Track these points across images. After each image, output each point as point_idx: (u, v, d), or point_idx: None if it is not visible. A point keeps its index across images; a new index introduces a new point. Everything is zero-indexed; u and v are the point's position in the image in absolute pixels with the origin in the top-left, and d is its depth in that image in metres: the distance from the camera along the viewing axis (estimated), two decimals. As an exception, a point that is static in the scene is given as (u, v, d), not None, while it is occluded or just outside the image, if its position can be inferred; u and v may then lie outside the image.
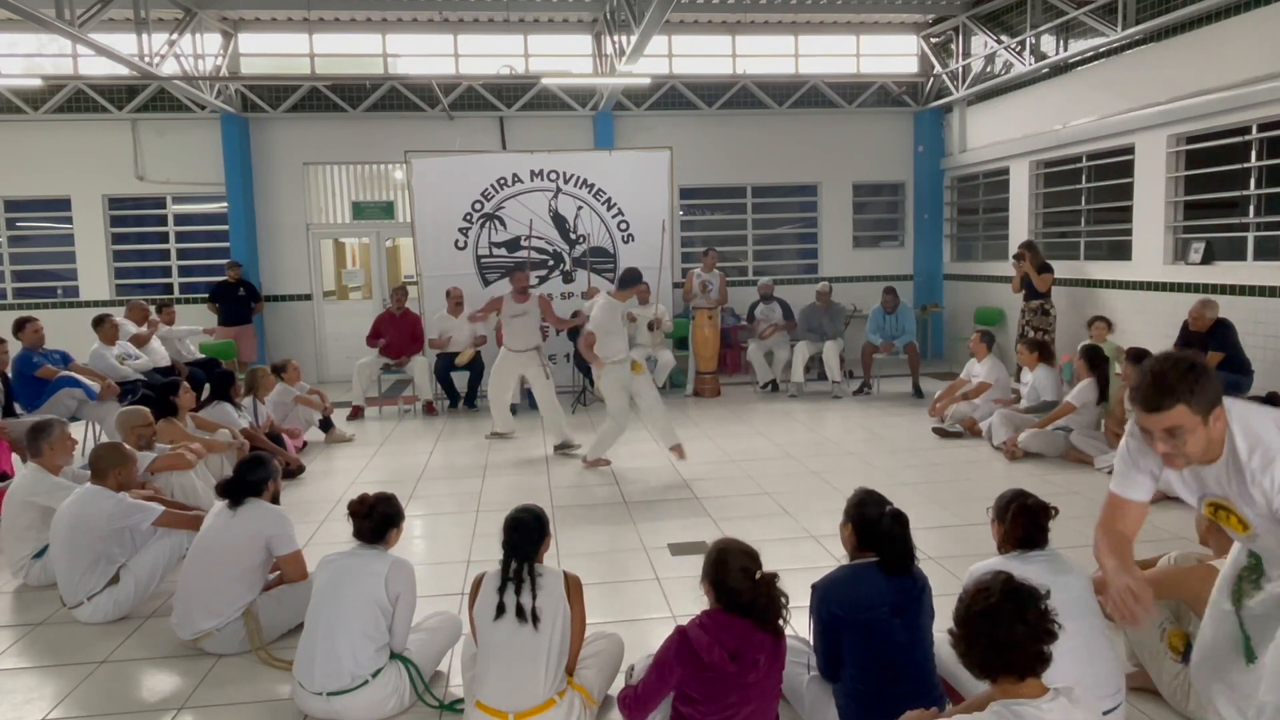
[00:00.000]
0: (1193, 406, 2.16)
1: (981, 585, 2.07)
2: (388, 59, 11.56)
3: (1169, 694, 3.08)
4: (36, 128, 11.03)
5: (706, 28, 11.83)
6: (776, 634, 2.68)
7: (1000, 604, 2.00)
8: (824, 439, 7.68)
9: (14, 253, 11.40)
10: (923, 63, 12.23)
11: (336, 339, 11.73)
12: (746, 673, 2.59)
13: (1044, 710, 1.94)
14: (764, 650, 2.62)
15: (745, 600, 2.63)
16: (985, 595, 2.03)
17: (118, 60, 8.56)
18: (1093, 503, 5.63)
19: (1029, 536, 2.96)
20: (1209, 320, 6.86)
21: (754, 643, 2.61)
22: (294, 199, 11.52)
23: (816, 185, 12.45)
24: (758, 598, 2.63)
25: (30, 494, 4.48)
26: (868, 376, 9.71)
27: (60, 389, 6.94)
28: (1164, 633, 3.11)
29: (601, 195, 10.19)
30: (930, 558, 4.58)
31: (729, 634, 2.61)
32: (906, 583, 2.82)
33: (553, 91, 11.44)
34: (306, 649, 3.17)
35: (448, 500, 6.06)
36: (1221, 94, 7.43)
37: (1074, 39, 9.31)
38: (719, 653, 2.57)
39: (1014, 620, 1.97)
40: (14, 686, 3.52)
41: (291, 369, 7.77)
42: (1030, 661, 1.98)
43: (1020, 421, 6.98)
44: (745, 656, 2.59)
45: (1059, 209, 10.28)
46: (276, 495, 4.03)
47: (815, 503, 5.69)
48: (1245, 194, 7.63)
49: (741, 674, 2.59)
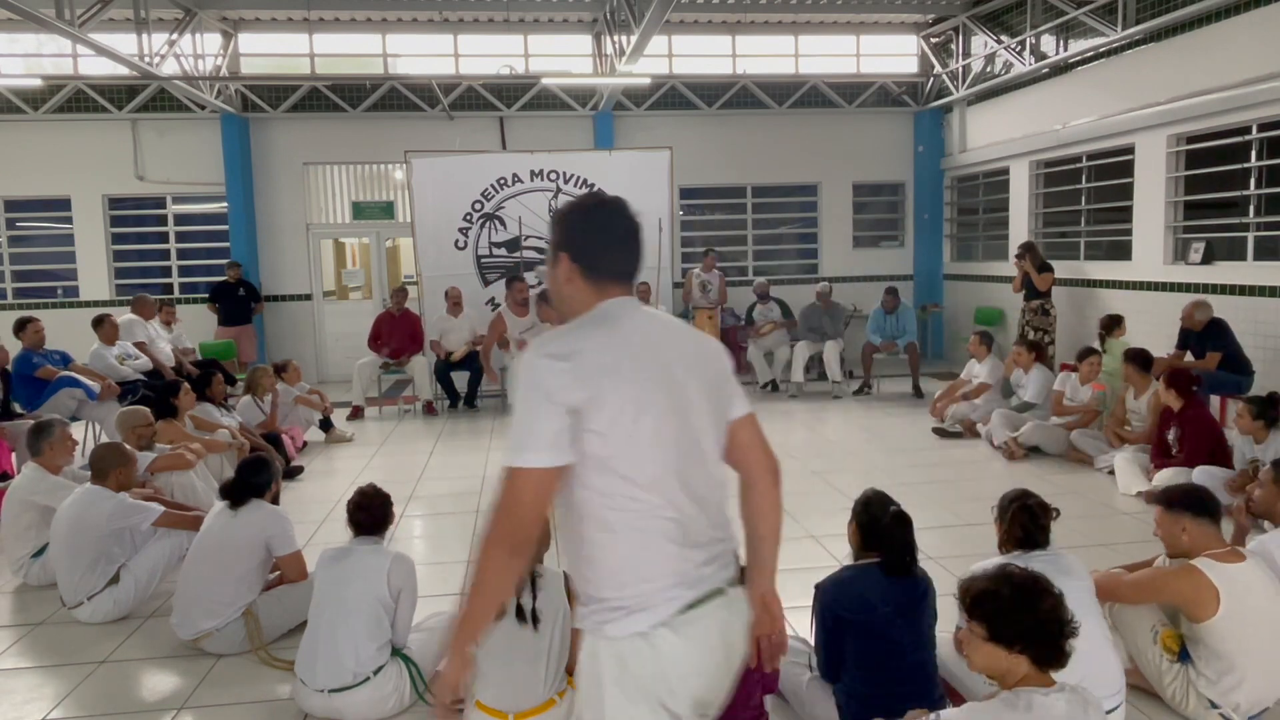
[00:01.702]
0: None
1: (1003, 569, 2.10)
2: (388, 59, 11.56)
3: (1169, 696, 3.07)
4: (36, 128, 11.02)
5: (706, 28, 11.83)
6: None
7: (1031, 582, 2.03)
8: (824, 439, 7.68)
9: (14, 253, 11.39)
10: (923, 63, 12.23)
11: (336, 339, 11.72)
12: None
13: (1054, 699, 1.95)
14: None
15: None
16: (1014, 575, 2.06)
17: (118, 60, 8.56)
18: (1093, 503, 5.64)
19: (1029, 536, 2.97)
20: (1200, 321, 6.87)
21: None
22: (294, 199, 11.52)
23: (816, 185, 12.45)
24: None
25: (30, 494, 4.48)
26: (868, 376, 9.70)
27: (60, 389, 6.94)
28: (1156, 635, 3.12)
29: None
30: (930, 558, 4.57)
31: None
32: (909, 584, 2.82)
33: (553, 91, 11.43)
34: (309, 646, 3.18)
35: (448, 500, 6.06)
36: (1221, 94, 7.43)
37: (1074, 39, 9.31)
38: None
39: (1043, 595, 2.01)
40: (14, 686, 3.52)
41: (292, 369, 7.77)
42: (1051, 649, 1.99)
43: (1019, 421, 7.00)
44: None
45: (1059, 209, 10.27)
46: (277, 496, 4.04)
47: (815, 503, 5.68)
48: (1245, 194, 7.62)
49: None
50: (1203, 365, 6.71)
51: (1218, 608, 2.88)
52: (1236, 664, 2.90)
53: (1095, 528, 5.10)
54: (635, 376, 1.67)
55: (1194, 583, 2.94)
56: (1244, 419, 5.19)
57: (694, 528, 1.72)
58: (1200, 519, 3.06)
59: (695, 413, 1.74)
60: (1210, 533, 3.06)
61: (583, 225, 1.81)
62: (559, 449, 1.61)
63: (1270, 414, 5.13)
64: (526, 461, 1.60)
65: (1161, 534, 3.18)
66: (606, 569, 1.69)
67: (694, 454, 1.73)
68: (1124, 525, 5.18)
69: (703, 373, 1.79)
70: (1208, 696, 2.96)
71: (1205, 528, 3.06)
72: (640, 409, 1.65)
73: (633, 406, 1.64)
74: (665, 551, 1.68)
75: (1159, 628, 3.12)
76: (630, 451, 1.65)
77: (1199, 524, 3.05)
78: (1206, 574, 2.92)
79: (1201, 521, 3.06)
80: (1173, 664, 3.06)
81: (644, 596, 1.67)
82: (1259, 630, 2.90)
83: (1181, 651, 3.06)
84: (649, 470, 1.67)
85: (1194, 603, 2.93)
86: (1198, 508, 3.07)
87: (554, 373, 1.62)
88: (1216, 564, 2.95)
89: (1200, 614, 2.92)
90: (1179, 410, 5.62)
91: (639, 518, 1.67)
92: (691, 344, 1.83)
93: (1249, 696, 2.92)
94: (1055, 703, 1.95)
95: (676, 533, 1.69)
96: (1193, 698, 2.99)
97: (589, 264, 1.77)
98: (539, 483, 1.61)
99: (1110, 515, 5.39)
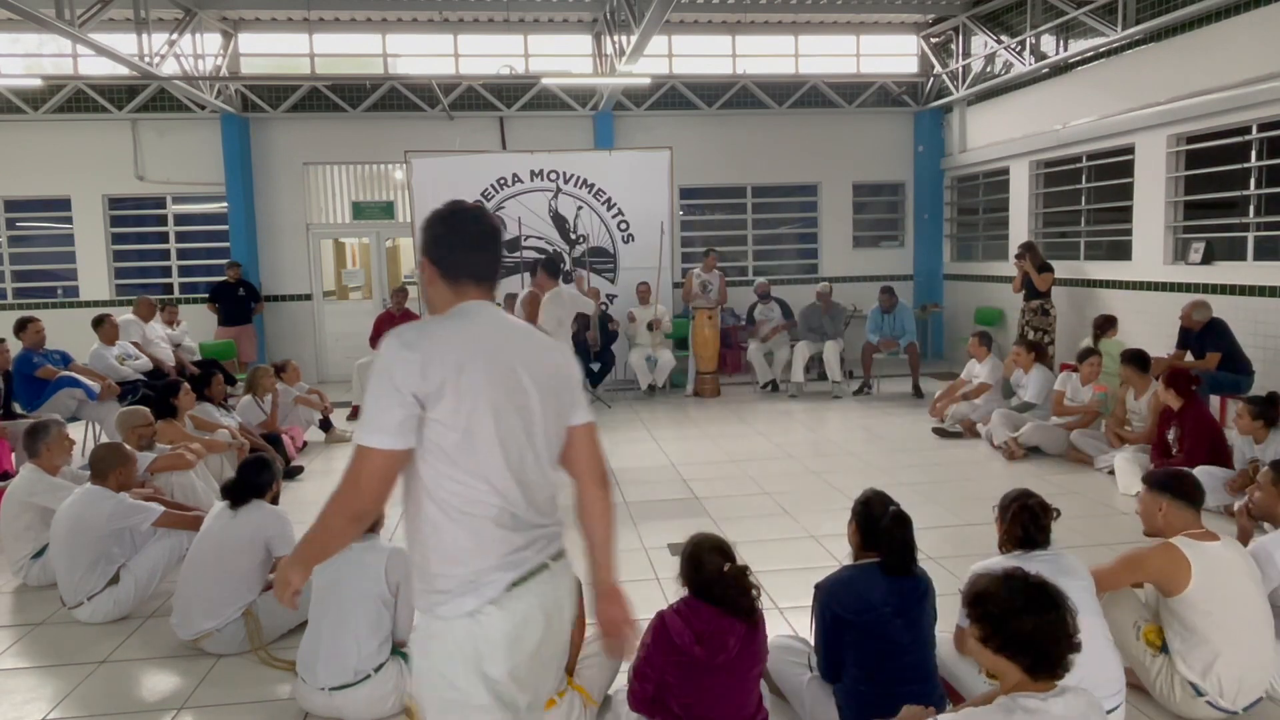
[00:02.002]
0: None
1: (1011, 572, 2.07)
2: (388, 59, 11.56)
3: (1156, 691, 3.09)
4: (36, 128, 11.02)
5: (706, 28, 11.83)
6: (750, 621, 2.72)
7: (1037, 591, 2.00)
8: (824, 439, 7.68)
9: (14, 253, 11.39)
10: (923, 63, 12.23)
11: (336, 339, 11.72)
12: (715, 655, 2.64)
13: (1051, 704, 1.94)
14: (734, 634, 2.67)
15: (717, 593, 2.71)
16: (1020, 580, 2.02)
17: (118, 60, 8.56)
18: (1093, 503, 5.64)
19: (1029, 536, 2.97)
20: (1198, 321, 6.87)
21: (723, 627, 2.66)
22: (294, 199, 11.52)
23: (816, 185, 12.45)
24: (729, 589, 2.71)
25: (28, 494, 4.48)
26: (868, 376, 9.71)
27: (60, 389, 6.94)
28: (1139, 630, 3.15)
29: (601, 195, 10.20)
30: (930, 558, 4.57)
31: (699, 617, 2.69)
32: (909, 584, 2.82)
33: (553, 91, 11.44)
34: (310, 645, 3.19)
35: (448, 500, 6.05)
36: (1221, 94, 7.43)
37: (1074, 39, 9.31)
38: (689, 635, 2.65)
39: (1047, 605, 1.98)
40: (14, 686, 3.52)
41: (291, 369, 7.77)
42: (1044, 662, 1.96)
43: (1019, 421, 7.00)
44: (714, 640, 2.65)
45: (1059, 209, 10.27)
46: (277, 496, 4.05)
47: (815, 503, 5.68)
48: (1245, 194, 7.63)
49: (710, 656, 2.64)
50: (1202, 365, 6.72)
51: (1189, 580, 2.96)
52: (1210, 638, 2.95)
53: (1095, 528, 5.10)
54: (478, 372, 1.79)
55: (1169, 558, 3.03)
56: (1244, 419, 5.20)
57: (523, 516, 1.86)
58: (1178, 501, 3.15)
59: (533, 413, 1.87)
60: (1187, 516, 3.14)
61: (440, 231, 1.92)
62: (403, 434, 1.74)
63: (1270, 414, 5.13)
64: (371, 442, 1.73)
65: (1140, 511, 3.30)
66: (440, 550, 1.81)
67: (528, 450, 1.86)
68: (1124, 525, 5.17)
69: (545, 377, 1.91)
70: (1189, 680, 2.99)
71: (1182, 510, 3.14)
72: (480, 403, 1.78)
73: (472, 400, 1.77)
74: (494, 536, 1.82)
75: (1141, 623, 3.17)
76: (467, 442, 1.77)
77: (1176, 506, 3.14)
78: (1180, 549, 3.02)
79: (1179, 504, 3.15)
80: (1155, 657, 3.10)
81: (473, 577, 1.80)
82: (1233, 606, 2.98)
83: (1163, 645, 3.09)
84: (484, 461, 1.79)
85: (1168, 578, 3.01)
86: (1176, 490, 3.17)
87: (402, 362, 1.75)
88: (1192, 541, 3.05)
89: (1173, 588, 3.00)
90: (1179, 410, 5.63)
91: (472, 504, 1.80)
92: (538, 349, 1.95)
93: (1228, 675, 2.94)
94: (1052, 707, 1.93)
95: (507, 519, 1.83)
96: (1178, 687, 3.02)
97: (446, 268, 1.90)
98: (382, 462, 1.74)
99: (1110, 515, 5.39)
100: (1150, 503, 3.22)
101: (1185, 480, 3.23)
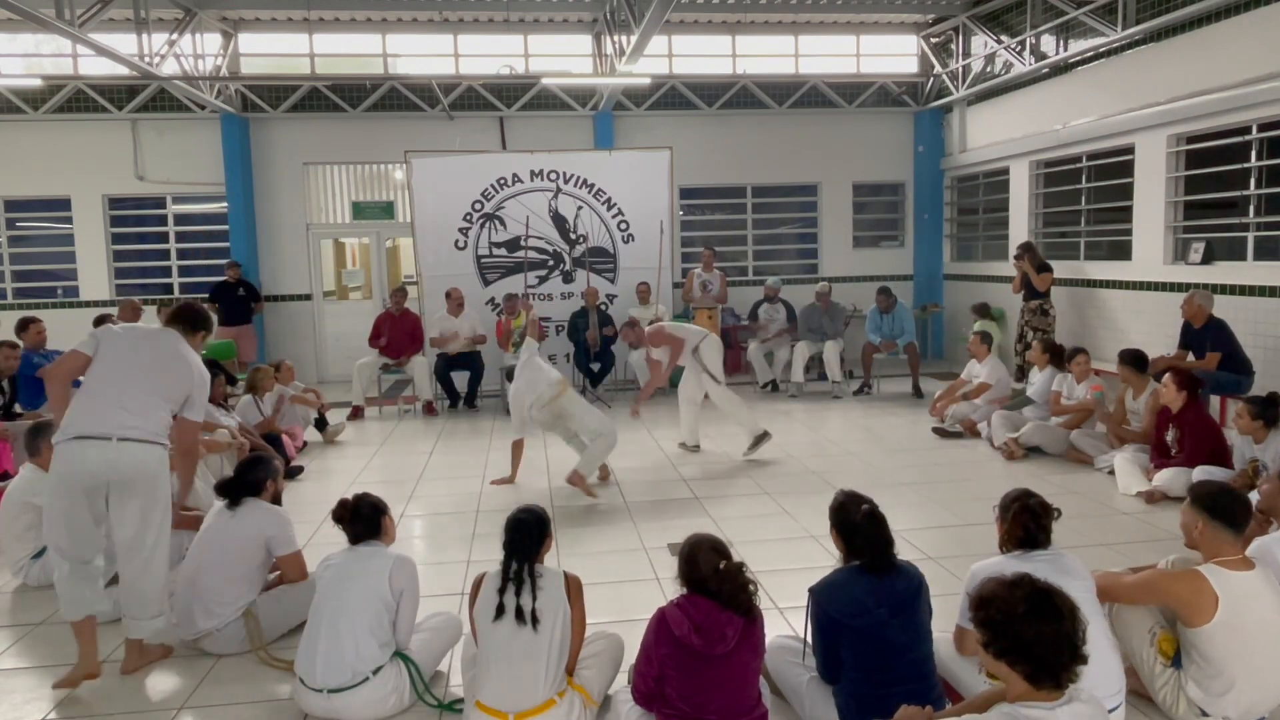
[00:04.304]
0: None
1: (1019, 578, 2.02)
2: (388, 59, 11.56)
3: (1160, 699, 3.05)
4: (36, 128, 11.03)
5: (706, 28, 11.83)
6: (747, 615, 2.74)
7: (1043, 598, 1.94)
8: (824, 439, 7.68)
9: (14, 253, 11.39)
10: (923, 63, 12.23)
11: (336, 339, 11.72)
12: (713, 645, 2.66)
13: (1058, 713, 1.91)
14: (732, 625, 2.69)
15: (714, 588, 2.74)
16: (1027, 587, 1.96)
17: (118, 60, 8.56)
18: (1093, 503, 5.64)
19: (1029, 536, 2.96)
20: (1199, 309, 6.84)
21: (721, 619, 2.69)
22: (294, 199, 11.52)
23: (816, 185, 12.45)
24: (725, 585, 2.73)
25: (28, 495, 4.47)
26: (868, 376, 9.70)
27: (60, 389, 6.92)
28: (1154, 636, 3.10)
29: (601, 195, 10.20)
30: (930, 558, 4.58)
31: (697, 609, 2.72)
32: (900, 582, 2.82)
33: (553, 91, 11.44)
34: (309, 645, 3.18)
35: (448, 500, 6.06)
36: (1221, 94, 7.42)
37: (1074, 39, 9.31)
38: (687, 625, 2.68)
39: (1052, 615, 1.91)
40: (14, 686, 3.52)
41: (285, 369, 7.77)
42: (1047, 672, 1.91)
43: (1019, 421, 6.99)
44: (711, 631, 2.67)
45: (1059, 209, 10.27)
46: (277, 496, 4.04)
47: (815, 503, 5.66)
48: (1245, 194, 7.62)
49: (708, 646, 2.66)
50: (1203, 365, 6.71)
51: (1214, 614, 2.84)
52: (1226, 670, 2.85)
53: (1095, 528, 5.10)
54: (123, 343, 3.57)
55: (1195, 587, 2.89)
56: (1243, 419, 5.19)
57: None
58: (1215, 522, 2.98)
59: (144, 382, 3.52)
60: (1223, 537, 2.97)
61: None
62: (89, 348, 3.52)
63: (1270, 414, 5.12)
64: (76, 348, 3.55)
65: (1181, 523, 3.14)
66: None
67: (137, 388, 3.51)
68: (1124, 525, 5.18)
69: (162, 369, 3.58)
70: (1196, 704, 2.93)
71: (1218, 531, 2.98)
72: (115, 355, 3.52)
73: (112, 352, 3.52)
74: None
75: (1157, 630, 3.10)
76: (100, 369, 3.50)
77: (1213, 527, 2.98)
78: (1209, 580, 2.88)
79: (1216, 525, 2.97)
80: (1166, 668, 3.04)
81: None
82: (1256, 640, 2.85)
83: (1175, 656, 3.04)
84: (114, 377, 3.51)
85: (1191, 607, 2.89)
86: (1214, 510, 2.99)
87: (94, 333, 3.62)
88: (1221, 570, 2.90)
89: (1195, 619, 2.88)
90: (1178, 411, 5.62)
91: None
92: (167, 356, 3.63)
93: (1238, 706, 2.87)
94: (1058, 717, 1.89)
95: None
96: (1182, 703, 2.97)
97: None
98: (72, 356, 3.53)
99: (1110, 515, 5.39)
100: (1190, 518, 3.06)
101: (1228, 499, 3.03)
